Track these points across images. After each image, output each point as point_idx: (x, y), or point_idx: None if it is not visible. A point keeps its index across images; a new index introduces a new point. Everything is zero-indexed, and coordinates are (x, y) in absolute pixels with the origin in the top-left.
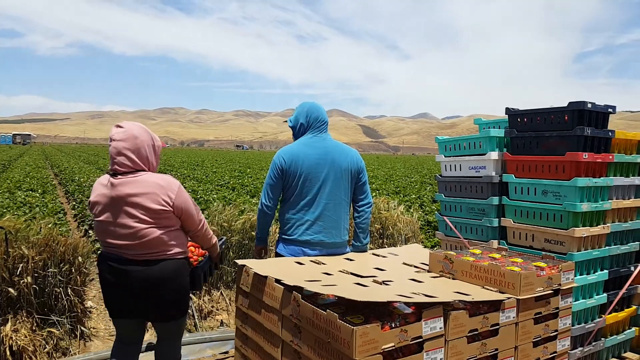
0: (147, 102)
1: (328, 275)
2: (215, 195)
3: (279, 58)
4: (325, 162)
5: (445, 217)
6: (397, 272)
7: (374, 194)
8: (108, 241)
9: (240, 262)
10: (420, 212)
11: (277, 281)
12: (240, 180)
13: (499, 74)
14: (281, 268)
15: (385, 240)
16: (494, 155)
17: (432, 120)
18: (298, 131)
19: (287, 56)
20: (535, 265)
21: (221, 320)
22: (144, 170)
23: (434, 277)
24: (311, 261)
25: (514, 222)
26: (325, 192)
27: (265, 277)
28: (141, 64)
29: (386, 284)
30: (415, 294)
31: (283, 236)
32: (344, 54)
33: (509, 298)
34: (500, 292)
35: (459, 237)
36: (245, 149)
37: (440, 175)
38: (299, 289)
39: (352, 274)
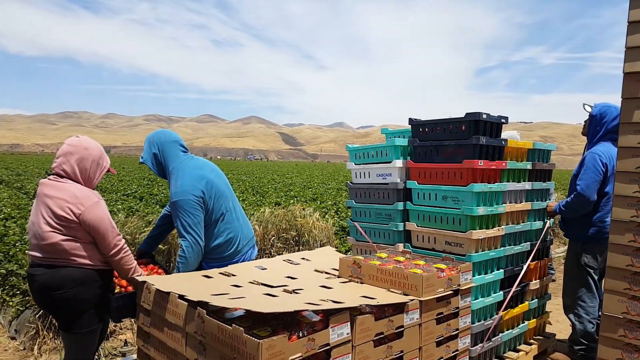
0: (47, 106)
1: (237, 288)
2: (120, 206)
3: (194, 62)
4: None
5: (355, 223)
6: (309, 279)
7: (292, 201)
8: (30, 241)
9: (140, 278)
10: (335, 218)
11: (181, 297)
12: (149, 189)
13: (410, 86)
14: (186, 283)
15: (301, 247)
16: (399, 163)
17: (348, 130)
18: (160, 161)
19: (202, 61)
20: (436, 267)
21: (125, 339)
22: (75, 182)
23: (343, 282)
24: (220, 273)
25: (417, 226)
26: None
27: (168, 293)
28: (41, 64)
29: (296, 293)
30: (323, 300)
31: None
32: (262, 61)
33: (412, 300)
34: (404, 295)
35: (369, 242)
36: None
37: (351, 182)
38: (203, 304)
39: (262, 284)
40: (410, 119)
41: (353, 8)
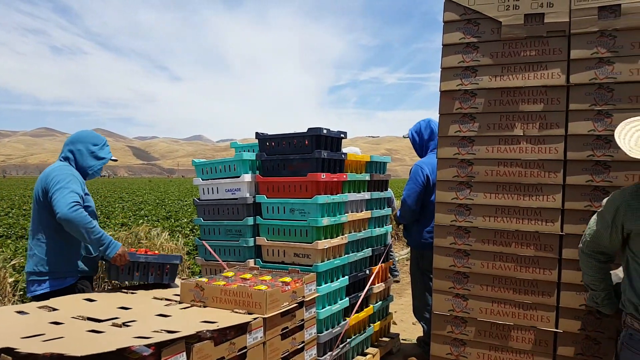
0: None
1: (56, 325)
2: None
3: (28, 70)
4: None
5: (204, 242)
6: (145, 308)
7: (141, 220)
8: None
9: None
10: (191, 237)
11: None
12: None
13: (270, 100)
14: None
15: None
16: (248, 177)
17: (207, 143)
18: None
19: (38, 69)
20: (281, 281)
21: None
22: None
23: (184, 308)
24: (39, 308)
25: (267, 240)
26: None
27: None
28: None
29: (127, 326)
30: (156, 332)
31: None
32: (109, 71)
33: (255, 318)
34: (248, 314)
35: (218, 260)
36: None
37: (199, 199)
38: (9, 349)
39: (89, 318)
40: (257, 133)
41: (209, 20)
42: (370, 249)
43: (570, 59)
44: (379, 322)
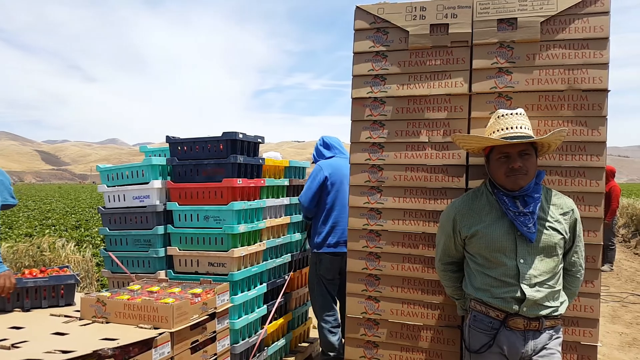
0: None
1: None
2: None
3: None
4: None
5: (110, 253)
6: (40, 327)
7: (47, 230)
8: None
9: None
10: (102, 247)
11: None
12: None
13: (191, 104)
14: None
15: None
16: (157, 183)
17: (123, 147)
18: None
19: None
20: (191, 293)
21: None
22: None
23: (84, 324)
24: None
25: (179, 249)
26: None
27: None
28: None
29: (16, 347)
30: (49, 352)
31: None
32: (14, 70)
33: (162, 333)
34: (154, 329)
35: (126, 272)
36: None
37: (104, 207)
38: None
39: None
40: (167, 137)
41: (127, 19)
42: (289, 254)
43: (472, 69)
44: (298, 327)
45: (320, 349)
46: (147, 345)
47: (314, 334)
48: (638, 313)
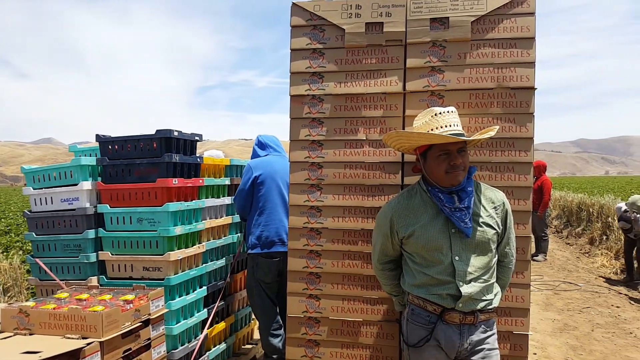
0: None
1: None
2: None
3: None
4: None
5: (37, 259)
6: None
7: None
8: None
9: None
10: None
11: None
12: None
13: (132, 101)
14: None
15: None
16: (87, 185)
17: (59, 146)
18: None
19: None
20: (123, 300)
21: None
22: None
23: (4, 338)
24: None
25: (112, 254)
26: None
27: None
28: None
29: None
30: None
31: None
32: None
33: (90, 343)
34: (82, 338)
35: (55, 280)
36: None
37: (30, 211)
38: None
39: None
40: (97, 136)
41: (62, 12)
42: (232, 255)
43: (407, 67)
44: (241, 330)
45: (264, 351)
46: (74, 356)
47: (258, 335)
48: (569, 300)
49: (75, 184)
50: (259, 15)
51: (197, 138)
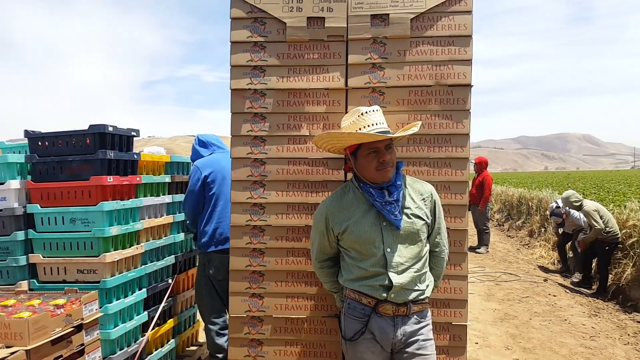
0: None
1: None
2: None
3: None
4: None
5: None
6: None
7: None
8: None
9: None
10: None
11: None
12: None
13: (73, 95)
14: None
15: None
16: (15, 184)
17: None
18: None
19: None
20: (54, 304)
21: None
22: None
23: None
24: None
25: (43, 257)
26: None
27: None
28: None
29: None
30: None
31: None
32: None
33: (15, 352)
34: (6, 347)
35: None
36: None
37: None
38: None
39: None
40: (26, 132)
41: None
42: (173, 256)
43: (348, 64)
44: (184, 331)
45: (209, 351)
46: None
47: (203, 336)
48: (509, 290)
49: (2, 183)
50: (207, 9)
51: (133, 134)
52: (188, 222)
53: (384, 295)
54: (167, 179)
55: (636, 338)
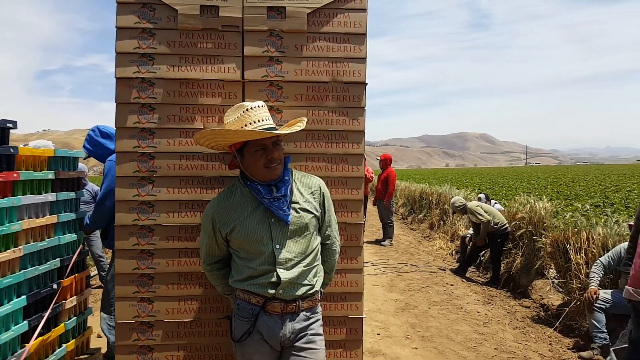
0: None
1: None
2: None
3: None
4: None
5: None
6: None
7: None
8: None
9: None
10: None
11: None
12: None
13: None
14: None
15: None
16: None
17: None
18: None
19: None
20: None
21: None
22: None
23: None
24: None
25: None
26: None
27: None
28: None
29: None
30: None
31: None
32: None
33: None
34: None
35: None
36: None
37: None
38: None
39: None
40: None
41: None
42: (58, 259)
43: (245, 55)
44: (73, 340)
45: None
46: None
47: (97, 343)
48: (410, 280)
49: None
50: None
51: (9, 125)
52: (96, 220)
53: (272, 292)
54: (50, 175)
55: (524, 322)
